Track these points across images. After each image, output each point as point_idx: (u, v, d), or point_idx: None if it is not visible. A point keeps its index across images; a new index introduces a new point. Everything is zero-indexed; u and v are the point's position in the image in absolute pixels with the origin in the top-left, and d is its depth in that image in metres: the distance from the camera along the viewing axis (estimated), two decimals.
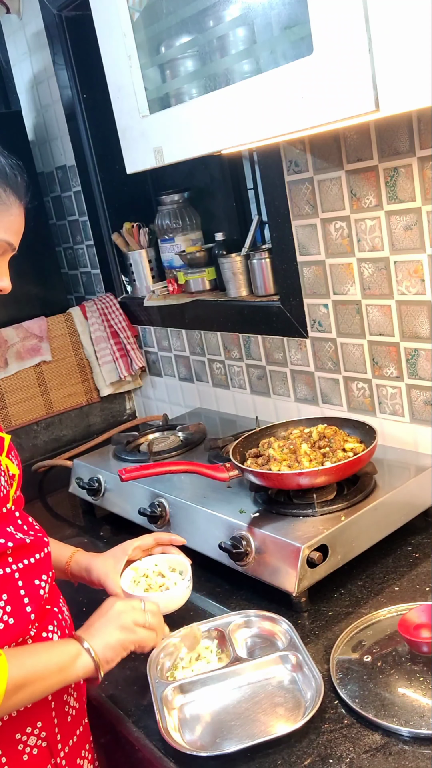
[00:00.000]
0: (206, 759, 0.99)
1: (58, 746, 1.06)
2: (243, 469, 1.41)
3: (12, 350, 2.26)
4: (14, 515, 1.08)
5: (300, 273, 1.72)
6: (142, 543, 1.30)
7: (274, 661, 1.13)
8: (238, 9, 1.18)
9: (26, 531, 1.08)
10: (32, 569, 1.05)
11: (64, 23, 2.23)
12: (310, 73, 1.01)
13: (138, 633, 1.11)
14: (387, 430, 1.64)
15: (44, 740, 1.04)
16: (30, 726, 1.03)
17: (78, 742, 1.11)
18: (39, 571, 1.07)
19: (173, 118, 1.30)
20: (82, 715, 1.14)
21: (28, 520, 1.12)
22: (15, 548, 1.03)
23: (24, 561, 1.04)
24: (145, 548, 1.31)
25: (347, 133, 1.49)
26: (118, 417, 2.56)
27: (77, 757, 1.11)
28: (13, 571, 1.02)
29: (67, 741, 1.08)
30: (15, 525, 1.07)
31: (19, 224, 1.06)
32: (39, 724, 1.04)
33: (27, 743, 1.03)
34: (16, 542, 1.03)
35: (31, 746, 1.03)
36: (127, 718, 1.13)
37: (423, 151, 1.36)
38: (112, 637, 1.07)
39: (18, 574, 1.03)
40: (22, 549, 1.05)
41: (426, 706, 0.99)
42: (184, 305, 2.12)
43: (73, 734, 1.10)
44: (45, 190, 2.64)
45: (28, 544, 1.06)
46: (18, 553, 1.04)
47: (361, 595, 1.29)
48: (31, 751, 1.03)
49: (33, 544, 1.07)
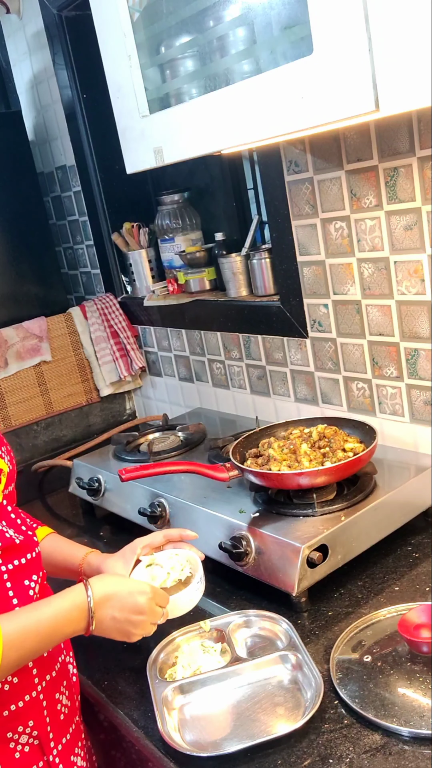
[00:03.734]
0: (206, 759, 0.99)
1: (50, 744, 1.06)
2: (243, 469, 1.41)
3: (12, 350, 2.26)
4: (6, 510, 1.08)
5: (300, 273, 1.72)
6: (151, 541, 1.26)
7: (274, 661, 1.13)
8: (238, 9, 1.18)
9: (18, 526, 1.08)
10: (22, 570, 1.05)
11: (64, 23, 2.24)
12: (310, 73, 1.01)
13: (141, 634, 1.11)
14: (387, 430, 1.64)
15: (36, 738, 1.05)
16: (21, 725, 1.03)
17: (71, 740, 1.11)
18: (29, 571, 1.06)
19: (173, 118, 1.30)
20: (74, 713, 1.14)
21: (21, 515, 1.12)
22: (4, 548, 1.03)
23: (14, 561, 1.04)
24: (155, 546, 1.27)
25: (347, 133, 1.49)
26: (118, 417, 2.56)
27: (71, 755, 1.11)
28: (1, 573, 1.02)
29: (59, 739, 1.08)
30: (7, 520, 1.07)
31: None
32: (30, 723, 1.04)
33: (18, 741, 1.03)
34: (6, 542, 1.03)
35: (23, 744, 1.03)
36: (127, 718, 1.13)
37: (423, 151, 1.36)
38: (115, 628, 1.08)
39: (6, 575, 1.03)
40: (11, 550, 1.05)
41: (426, 706, 0.99)
42: (184, 305, 2.12)
43: (66, 732, 1.10)
44: (45, 190, 2.64)
45: (18, 544, 1.05)
46: (8, 554, 1.04)
47: (361, 595, 1.29)
48: (22, 749, 1.03)
49: (23, 544, 1.07)
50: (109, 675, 1.22)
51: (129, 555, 1.24)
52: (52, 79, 2.37)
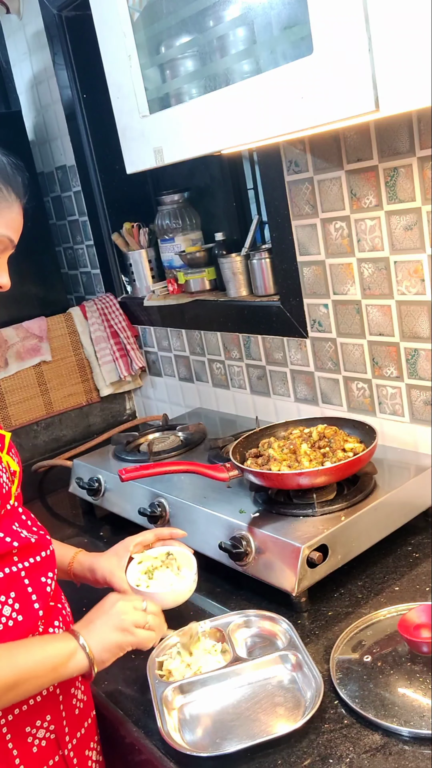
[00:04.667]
0: (206, 759, 0.99)
1: (66, 738, 1.07)
2: (243, 469, 1.41)
3: (12, 350, 2.26)
4: (18, 512, 1.09)
5: (300, 273, 1.72)
6: (143, 539, 1.29)
7: (274, 661, 1.13)
8: (238, 9, 1.18)
9: (30, 527, 1.09)
10: (38, 567, 1.06)
11: (64, 23, 2.24)
12: (310, 73, 1.01)
13: (137, 635, 1.09)
14: (387, 430, 1.64)
15: (53, 732, 1.05)
16: (39, 719, 1.04)
17: (86, 734, 1.12)
18: (45, 569, 1.07)
19: (173, 118, 1.30)
20: (89, 707, 1.15)
21: (31, 516, 1.13)
22: (20, 548, 1.04)
23: (30, 560, 1.05)
24: (146, 544, 1.31)
25: (347, 133, 1.49)
26: (118, 417, 2.56)
27: (86, 749, 1.11)
28: (19, 570, 1.03)
29: (74, 733, 1.09)
30: (20, 521, 1.08)
31: (19, 222, 1.10)
32: (48, 717, 1.05)
33: (36, 735, 1.03)
34: (22, 541, 1.04)
35: (40, 738, 1.04)
36: (127, 718, 1.13)
37: (423, 151, 1.36)
38: (110, 638, 1.06)
39: (24, 573, 1.04)
40: (27, 548, 1.06)
41: (426, 706, 0.99)
42: (184, 305, 2.12)
43: (81, 726, 1.11)
44: (45, 190, 2.64)
45: (33, 543, 1.06)
46: (23, 552, 1.05)
47: (361, 595, 1.29)
48: (39, 743, 1.04)
49: (38, 543, 1.08)
50: (109, 675, 1.22)
51: (122, 552, 1.27)
52: (52, 79, 2.37)
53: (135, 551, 1.28)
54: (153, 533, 1.31)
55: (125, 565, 1.25)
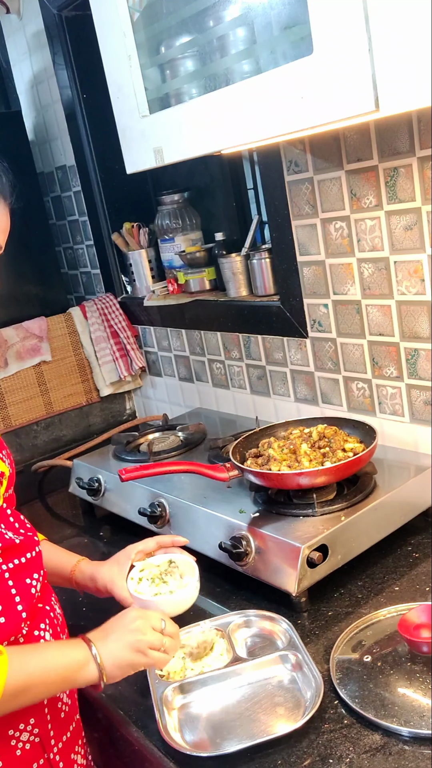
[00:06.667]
0: (206, 759, 0.99)
1: (51, 742, 1.07)
2: (243, 469, 1.41)
3: (12, 350, 2.26)
4: (5, 513, 1.09)
5: (300, 273, 1.72)
6: (144, 547, 1.27)
7: (274, 661, 1.13)
8: (238, 9, 1.18)
9: (17, 529, 1.09)
10: (23, 569, 1.05)
11: (64, 23, 2.24)
12: (310, 73, 1.01)
13: (150, 656, 1.06)
14: (387, 430, 1.64)
15: (37, 736, 1.05)
16: (23, 723, 1.03)
17: (71, 737, 1.11)
18: (30, 570, 1.07)
19: (173, 118, 1.30)
20: (74, 710, 1.14)
21: (20, 518, 1.12)
22: (4, 548, 1.03)
23: (15, 561, 1.05)
24: (147, 552, 1.28)
25: (347, 133, 1.49)
26: (118, 417, 2.56)
27: (71, 752, 1.11)
28: (3, 572, 1.03)
29: (60, 737, 1.09)
30: (6, 523, 1.07)
31: (6, 223, 1.10)
32: (32, 720, 1.04)
33: (20, 739, 1.03)
34: (6, 542, 1.04)
35: (24, 741, 1.03)
36: (127, 718, 1.13)
37: (423, 151, 1.36)
38: (123, 656, 1.04)
39: (8, 574, 1.03)
40: (11, 549, 1.05)
41: (426, 706, 0.99)
42: (184, 305, 2.12)
43: (66, 730, 1.11)
44: (45, 190, 2.64)
45: (18, 544, 1.06)
46: (8, 553, 1.04)
47: (361, 595, 1.29)
48: (23, 746, 1.03)
49: (23, 544, 1.07)
50: None
51: (124, 560, 1.25)
52: (52, 79, 2.37)
53: (136, 559, 1.26)
54: (154, 541, 1.29)
55: (126, 573, 1.23)
